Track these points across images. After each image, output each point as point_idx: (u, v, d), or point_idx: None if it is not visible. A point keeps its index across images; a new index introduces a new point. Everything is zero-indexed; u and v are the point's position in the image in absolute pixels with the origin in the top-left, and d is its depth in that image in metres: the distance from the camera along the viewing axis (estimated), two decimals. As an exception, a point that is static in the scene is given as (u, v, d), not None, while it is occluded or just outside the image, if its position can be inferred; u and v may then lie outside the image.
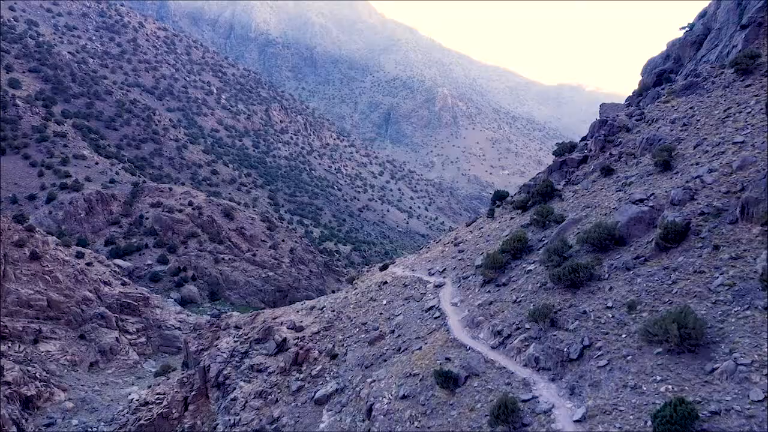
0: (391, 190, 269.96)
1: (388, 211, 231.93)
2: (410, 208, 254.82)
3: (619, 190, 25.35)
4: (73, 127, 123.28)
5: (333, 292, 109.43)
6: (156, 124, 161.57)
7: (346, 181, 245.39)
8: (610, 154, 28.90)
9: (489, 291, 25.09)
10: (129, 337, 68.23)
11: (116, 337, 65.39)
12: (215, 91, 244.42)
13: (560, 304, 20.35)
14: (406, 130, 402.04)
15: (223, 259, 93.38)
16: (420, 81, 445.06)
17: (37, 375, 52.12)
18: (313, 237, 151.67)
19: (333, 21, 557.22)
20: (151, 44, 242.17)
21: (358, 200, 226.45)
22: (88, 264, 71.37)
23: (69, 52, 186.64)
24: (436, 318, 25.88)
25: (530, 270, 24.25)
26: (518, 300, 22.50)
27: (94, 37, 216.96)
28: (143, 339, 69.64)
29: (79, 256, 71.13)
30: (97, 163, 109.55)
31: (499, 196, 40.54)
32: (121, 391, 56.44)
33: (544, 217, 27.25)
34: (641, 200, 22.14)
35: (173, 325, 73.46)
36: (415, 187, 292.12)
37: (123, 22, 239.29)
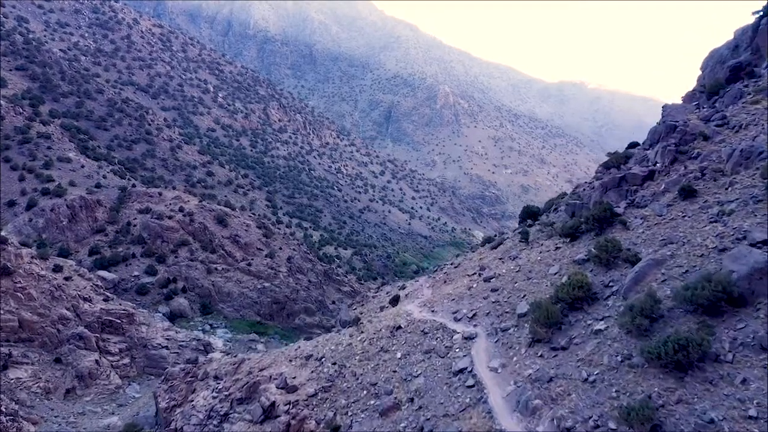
0: (392, 190, 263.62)
1: (389, 212, 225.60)
2: (412, 208, 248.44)
3: (715, 221, 19.12)
4: (60, 127, 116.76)
5: (333, 302, 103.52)
6: (149, 124, 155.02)
7: (346, 182, 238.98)
8: (689, 169, 22.72)
9: (542, 355, 18.87)
10: (110, 358, 62.53)
11: (96, 360, 59.79)
12: (212, 89, 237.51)
13: (661, 397, 14.16)
14: (407, 129, 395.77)
15: (216, 269, 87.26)
16: (421, 78, 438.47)
17: (3, 408, 46.37)
18: (312, 241, 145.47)
19: (332, 18, 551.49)
20: (146, 41, 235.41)
21: (359, 201, 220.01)
22: (66, 278, 65.32)
23: (60, 50, 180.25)
24: (469, 387, 19.69)
25: (600, 331, 17.99)
26: (591, 379, 16.20)
27: (86, 34, 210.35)
28: (127, 360, 64.02)
29: (57, 269, 65.00)
30: (83, 166, 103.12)
31: (529, 214, 34.06)
32: (99, 422, 50.90)
33: (609, 253, 20.98)
34: (764, 242, 15.95)
35: (160, 344, 67.66)
36: (417, 186, 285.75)
37: (117, 19, 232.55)
